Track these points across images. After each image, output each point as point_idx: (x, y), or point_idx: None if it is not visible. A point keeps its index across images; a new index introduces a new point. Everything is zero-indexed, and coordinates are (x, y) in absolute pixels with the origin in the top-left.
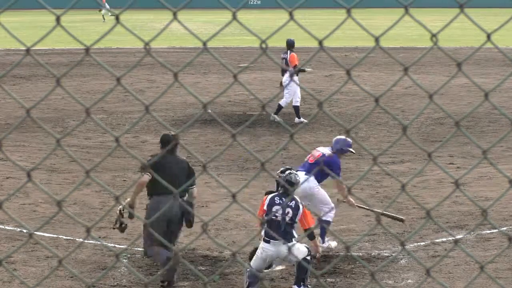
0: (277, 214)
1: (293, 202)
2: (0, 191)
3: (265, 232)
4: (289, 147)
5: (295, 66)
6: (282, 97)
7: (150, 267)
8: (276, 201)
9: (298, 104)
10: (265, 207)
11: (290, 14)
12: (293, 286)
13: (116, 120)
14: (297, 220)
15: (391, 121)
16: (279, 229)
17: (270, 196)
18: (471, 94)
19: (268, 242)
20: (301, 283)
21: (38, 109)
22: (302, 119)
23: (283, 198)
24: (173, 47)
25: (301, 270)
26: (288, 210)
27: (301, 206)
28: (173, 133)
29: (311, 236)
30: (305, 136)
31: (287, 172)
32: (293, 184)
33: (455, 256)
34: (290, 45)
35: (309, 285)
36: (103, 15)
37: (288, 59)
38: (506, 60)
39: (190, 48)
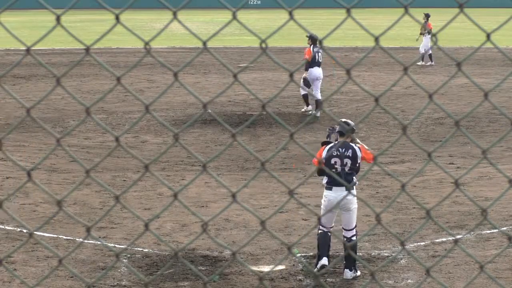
0: (336, 166)
1: (350, 151)
2: (0, 191)
3: (326, 180)
4: (289, 147)
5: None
6: (311, 92)
7: (150, 267)
8: (333, 153)
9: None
10: (323, 160)
11: (290, 14)
12: (344, 270)
13: (116, 120)
14: (358, 165)
15: (391, 121)
16: (339, 179)
17: (327, 148)
18: (471, 94)
19: (330, 189)
20: (352, 267)
21: (38, 109)
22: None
23: (340, 149)
24: (173, 47)
25: (350, 256)
26: (346, 161)
27: (358, 152)
28: None
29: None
30: (305, 136)
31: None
32: (347, 128)
33: (455, 256)
34: (317, 39)
35: (357, 269)
36: None
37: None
38: (506, 60)
39: (190, 48)
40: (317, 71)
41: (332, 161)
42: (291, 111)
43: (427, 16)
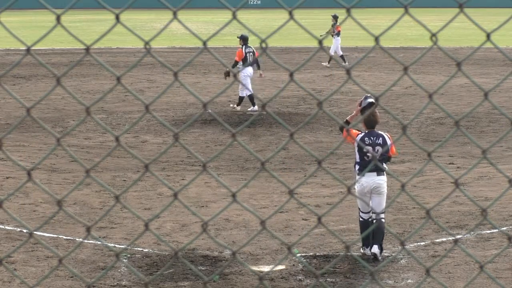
0: (368, 154)
1: (381, 139)
2: (0, 191)
3: (358, 167)
4: (289, 147)
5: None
6: (241, 89)
7: (150, 267)
8: (366, 142)
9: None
10: (356, 147)
11: (290, 13)
12: (373, 246)
13: (116, 120)
14: (387, 152)
15: (391, 121)
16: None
17: (360, 136)
18: (471, 94)
19: (363, 175)
20: (380, 245)
21: (38, 109)
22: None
23: (372, 137)
24: (173, 47)
25: (379, 233)
26: (378, 148)
27: (388, 140)
28: None
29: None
30: (305, 136)
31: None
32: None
33: (455, 256)
34: (248, 39)
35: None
36: None
37: (255, 53)
38: (506, 60)
39: (190, 48)
40: (248, 70)
41: (365, 149)
42: (291, 111)
43: (335, 18)
